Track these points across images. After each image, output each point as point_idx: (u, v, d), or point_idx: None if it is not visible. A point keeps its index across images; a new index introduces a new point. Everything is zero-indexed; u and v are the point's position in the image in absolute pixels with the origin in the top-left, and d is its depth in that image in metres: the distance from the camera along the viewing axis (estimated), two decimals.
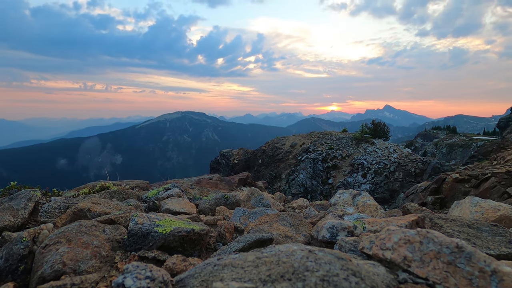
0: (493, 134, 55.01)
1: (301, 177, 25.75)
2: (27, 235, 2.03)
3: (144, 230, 2.01)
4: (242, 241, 2.07)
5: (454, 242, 1.34)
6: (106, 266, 1.83)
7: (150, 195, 4.29)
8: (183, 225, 2.14)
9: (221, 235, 2.48)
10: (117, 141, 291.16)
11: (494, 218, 2.55)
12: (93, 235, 2.01)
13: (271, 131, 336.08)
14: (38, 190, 3.56)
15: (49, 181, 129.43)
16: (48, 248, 1.83)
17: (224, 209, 3.64)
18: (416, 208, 3.51)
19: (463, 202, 2.96)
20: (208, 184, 6.90)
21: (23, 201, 2.97)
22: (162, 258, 1.90)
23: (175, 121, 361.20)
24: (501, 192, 7.00)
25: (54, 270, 1.66)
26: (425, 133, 68.17)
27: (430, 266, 1.31)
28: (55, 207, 3.11)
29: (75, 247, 1.83)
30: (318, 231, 2.30)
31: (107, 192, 4.03)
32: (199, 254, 2.13)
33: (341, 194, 4.17)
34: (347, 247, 1.85)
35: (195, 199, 4.77)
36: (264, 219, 2.93)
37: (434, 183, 9.46)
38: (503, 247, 1.87)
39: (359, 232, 2.16)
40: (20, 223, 2.70)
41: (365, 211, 3.52)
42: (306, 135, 33.41)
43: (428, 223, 2.26)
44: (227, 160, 34.27)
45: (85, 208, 2.64)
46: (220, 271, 1.28)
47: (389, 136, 34.72)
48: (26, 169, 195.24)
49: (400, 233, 1.48)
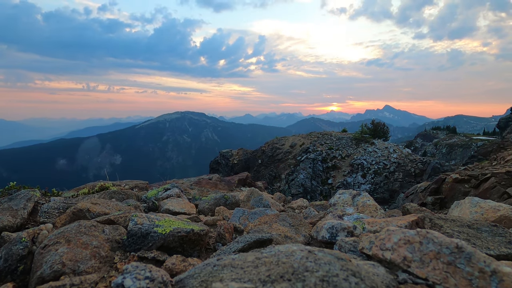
0: (493, 134, 54.91)
1: (301, 177, 25.75)
2: (26, 235, 2.03)
3: (143, 231, 2.01)
4: (241, 241, 2.06)
5: (454, 242, 1.33)
6: (105, 267, 1.83)
7: (149, 196, 4.29)
8: (182, 225, 2.13)
9: (220, 236, 2.47)
10: (116, 141, 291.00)
11: (494, 219, 2.55)
12: (93, 236, 2.01)
13: (270, 131, 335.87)
14: (38, 191, 3.56)
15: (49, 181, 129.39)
16: (47, 249, 1.83)
17: (224, 209, 3.64)
18: (416, 208, 3.51)
19: (463, 202, 2.95)
20: (208, 184, 6.89)
21: (22, 202, 2.96)
22: (162, 258, 1.89)
23: (175, 121, 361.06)
24: (501, 192, 7.00)
25: (53, 271, 1.66)
26: (425, 133, 68.17)
27: (430, 266, 1.31)
28: (55, 207, 3.11)
29: (75, 247, 1.83)
30: (318, 232, 2.30)
31: (107, 193, 4.02)
32: (199, 254, 2.13)
33: (340, 195, 4.16)
34: (347, 248, 1.85)
35: (194, 199, 4.77)
36: (263, 220, 2.93)
37: (434, 184, 9.46)
38: (503, 247, 1.87)
39: (358, 233, 2.16)
40: (19, 223, 2.69)
41: (365, 211, 3.51)
42: (305, 135, 33.38)
43: (428, 224, 2.26)
44: (227, 160, 34.26)
45: (84, 209, 2.64)
46: (219, 272, 1.28)
47: (389, 136, 34.72)
48: (26, 169, 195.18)
49: (400, 233, 1.48)
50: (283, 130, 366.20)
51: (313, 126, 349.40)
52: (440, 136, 60.05)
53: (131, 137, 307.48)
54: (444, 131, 66.39)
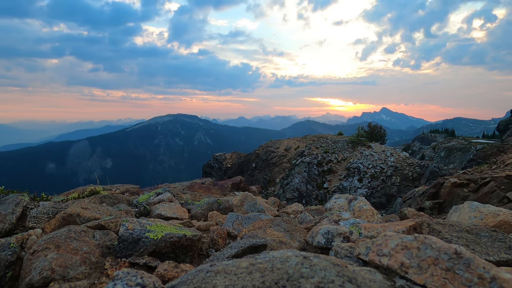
0: (493, 137, 54.92)
1: (296, 181, 25.69)
2: (15, 241, 1.99)
3: (135, 236, 1.97)
4: (235, 247, 2.04)
5: (452, 248, 1.32)
6: (96, 273, 1.79)
7: (141, 200, 4.24)
8: (174, 230, 2.10)
9: (213, 241, 2.45)
10: (107, 144, 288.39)
11: (494, 224, 2.53)
12: (83, 241, 1.97)
13: (265, 134, 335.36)
14: (26, 195, 3.48)
15: (38, 185, 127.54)
16: (36, 254, 1.79)
17: (217, 214, 3.61)
18: (413, 213, 3.49)
19: (461, 207, 2.93)
20: (201, 188, 6.84)
21: (10, 206, 2.90)
22: (154, 264, 1.86)
23: (167, 124, 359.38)
24: (501, 196, 7.05)
25: (42, 277, 1.63)
26: (423, 136, 68.55)
27: (428, 272, 1.29)
28: (44, 212, 3.04)
29: (64, 253, 1.80)
30: (313, 237, 2.28)
31: (97, 197, 3.96)
32: (191, 260, 2.09)
33: (336, 199, 4.14)
34: (343, 253, 1.83)
35: (187, 204, 4.72)
36: (258, 225, 2.90)
37: (432, 188, 9.52)
38: (502, 253, 1.86)
39: (355, 238, 2.15)
40: (7, 228, 2.63)
41: (362, 216, 3.49)
42: (300, 139, 33.31)
43: (426, 229, 2.24)
44: (220, 164, 34.16)
45: (74, 213, 2.59)
46: (212, 278, 1.25)
47: (386, 139, 34.82)
48: (14, 173, 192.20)
49: (397, 238, 1.47)
50: (277, 133, 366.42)
51: (309, 129, 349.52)
52: (438, 139, 60.14)
53: (122, 140, 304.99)
54: (443, 134, 66.34)
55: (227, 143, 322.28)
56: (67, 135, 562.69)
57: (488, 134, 66.36)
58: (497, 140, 41.34)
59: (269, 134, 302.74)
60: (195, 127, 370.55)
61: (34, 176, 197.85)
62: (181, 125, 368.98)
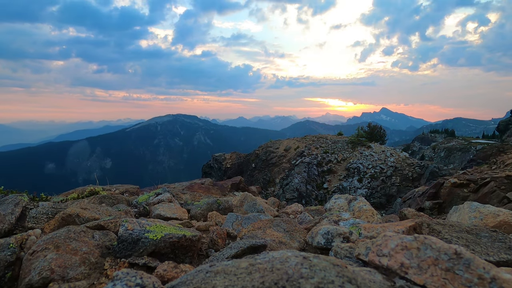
0: (493, 137, 54.67)
1: (296, 181, 25.65)
2: (14, 241, 1.99)
3: (134, 236, 1.96)
4: (235, 247, 2.03)
5: (452, 248, 1.32)
6: (95, 273, 1.79)
7: (140, 200, 4.23)
8: (174, 231, 2.10)
9: (213, 241, 2.44)
10: (106, 144, 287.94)
11: (494, 224, 2.53)
12: (82, 241, 1.97)
13: (264, 134, 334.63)
14: (26, 195, 3.47)
15: (37, 185, 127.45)
16: (35, 255, 1.79)
17: (217, 214, 3.60)
18: (413, 213, 3.48)
19: (461, 207, 2.93)
20: (200, 189, 6.83)
21: (10, 206, 2.89)
22: (153, 264, 1.86)
23: (166, 124, 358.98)
24: (501, 197, 7.04)
25: (42, 277, 1.63)
26: (423, 137, 68.44)
27: (428, 273, 1.29)
28: (43, 212, 3.03)
29: (64, 253, 1.79)
30: (313, 237, 2.28)
31: (97, 197, 3.95)
32: (191, 260, 2.09)
33: (336, 199, 4.14)
34: (343, 254, 1.83)
35: (186, 204, 4.71)
36: (257, 225, 2.90)
37: (432, 188, 9.51)
38: (502, 253, 1.85)
39: (355, 238, 2.14)
40: (7, 229, 2.62)
41: (361, 216, 3.49)
42: (300, 139, 33.23)
43: (425, 229, 2.24)
44: (220, 164, 34.13)
45: (73, 214, 2.58)
46: (212, 278, 1.24)
47: (386, 139, 34.75)
48: (13, 173, 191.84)
49: (397, 239, 1.46)
50: (277, 133, 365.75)
51: (308, 129, 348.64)
52: (438, 139, 59.95)
53: (121, 141, 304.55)
54: (442, 134, 66.10)
55: (226, 143, 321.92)
56: (66, 135, 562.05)
57: (488, 134, 66.18)
58: (497, 140, 41.23)
59: (269, 134, 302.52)
60: (195, 127, 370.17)
61: (34, 176, 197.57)
62: (181, 125, 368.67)
